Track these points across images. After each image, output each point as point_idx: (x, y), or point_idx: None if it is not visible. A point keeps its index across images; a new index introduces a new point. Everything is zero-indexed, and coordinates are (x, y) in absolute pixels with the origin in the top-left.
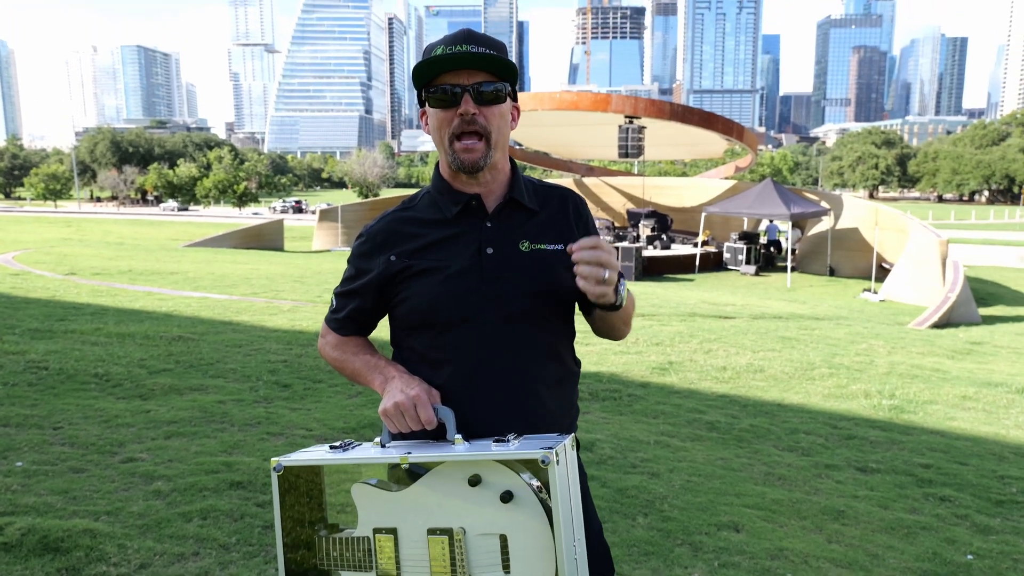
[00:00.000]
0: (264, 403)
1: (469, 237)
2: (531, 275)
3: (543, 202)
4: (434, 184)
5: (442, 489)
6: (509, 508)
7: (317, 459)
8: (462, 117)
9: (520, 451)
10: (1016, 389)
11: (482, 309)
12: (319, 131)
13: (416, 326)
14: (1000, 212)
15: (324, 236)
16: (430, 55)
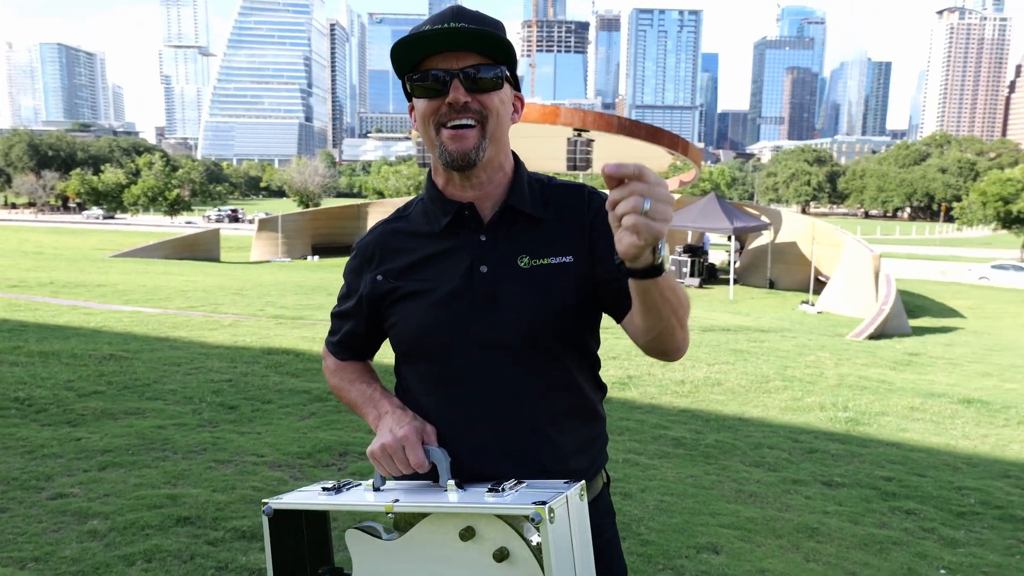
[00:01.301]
0: (209, 427)
1: (461, 253)
2: (531, 296)
3: (550, 206)
4: (426, 190)
5: (434, 541)
6: (503, 567)
7: (308, 503)
8: (451, 107)
9: (511, 505)
10: (958, 400)
11: (475, 337)
12: (256, 138)
13: (406, 354)
14: (921, 228)
15: (263, 246)
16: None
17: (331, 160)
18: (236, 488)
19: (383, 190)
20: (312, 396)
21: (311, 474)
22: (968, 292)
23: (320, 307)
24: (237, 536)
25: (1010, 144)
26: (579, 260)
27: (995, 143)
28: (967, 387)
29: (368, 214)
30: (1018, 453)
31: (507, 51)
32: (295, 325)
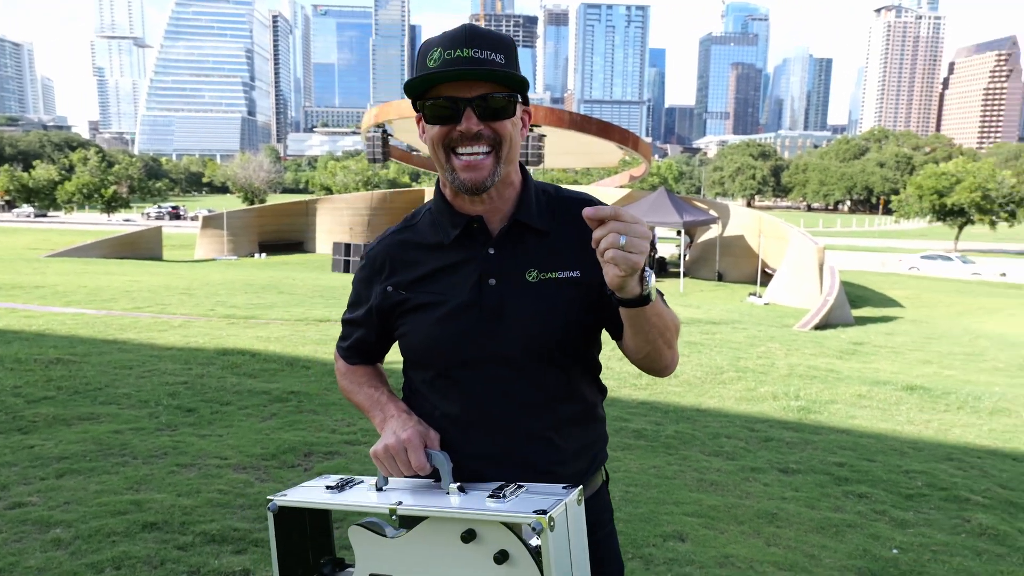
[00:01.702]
0: (168, 431)
1: (470, 266)
2: (539, 310)
3: (557, 219)
4: (434, 201)
5: (436, 541)
6: (503, 569)
7: (311, 501)
8: (463, 135)
9: (513, 513)
10: (902, 387)
11: (483, 350)
12: (197, 132)
13: (414, 362)
14: (861, 220)
15: (208, 244)
16: (426, 58)
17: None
18: (201, 492)
19: (331, 186)
20: (272, 397)
21: (277, 476)
22: (906, 282)
23: (272, 306)
24: (207, 540)
25: (944, 139)
26: (585, 274)
27: (930, 138)
28: (909, 374)
29: (317, 210)
30: (959, 437)
31: (519, 80)
32: (248, 325)
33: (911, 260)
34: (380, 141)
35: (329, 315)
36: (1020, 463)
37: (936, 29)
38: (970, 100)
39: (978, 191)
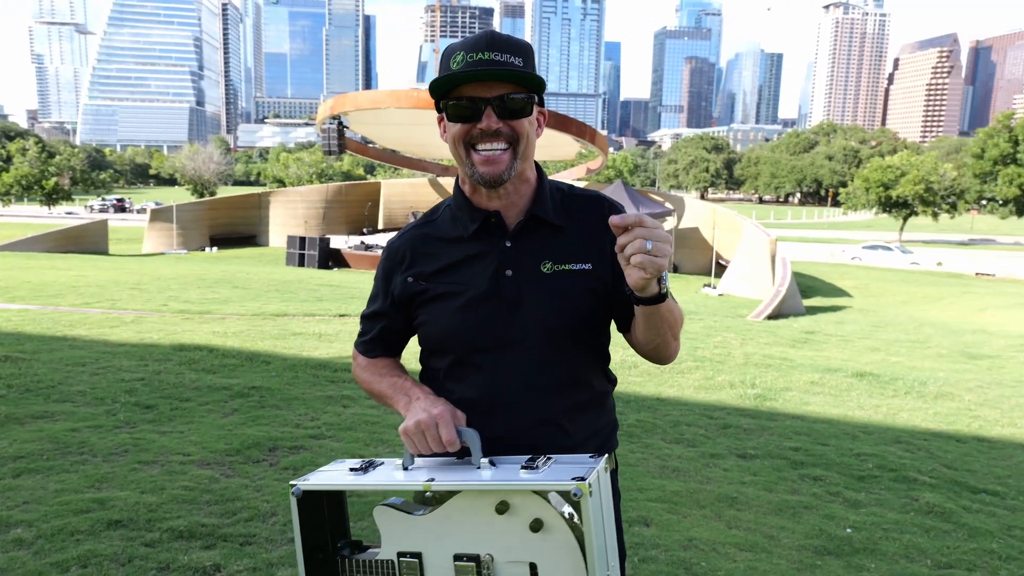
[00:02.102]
0: (127, 428)
1: (488, 258)
2: (553, 300)
3: (571, 215)
4: (454, 197)
5: (468, 515)
6: (539, 536)
7: (338, 483)
8: (483, 132)
9: (551, 481)
10: (852, 373)
11: (500, 338)
12: (142, 123)
13: (434, 350)
14: (811, 212)
15: (157, 238)
16: (450, 60)
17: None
18: (166, 489)
19: (284, 178)
20: (233, 392)
21: (242, 471)
22: (854, 273)
23: (227, 301)
24: (175, 536)
25: (889, 133)
26: (596, 267)
27: (876, 132)
28: (859, 362)
29: (270, 203)
30: (907, 420)
31: (536, 81)
32: (203, 320)
33: (854, 250)
34: (336, 133)
35: (286, 310)
36: (963, 444)
37: (882, 26)
38: (914, 95)
39: (921, 184)
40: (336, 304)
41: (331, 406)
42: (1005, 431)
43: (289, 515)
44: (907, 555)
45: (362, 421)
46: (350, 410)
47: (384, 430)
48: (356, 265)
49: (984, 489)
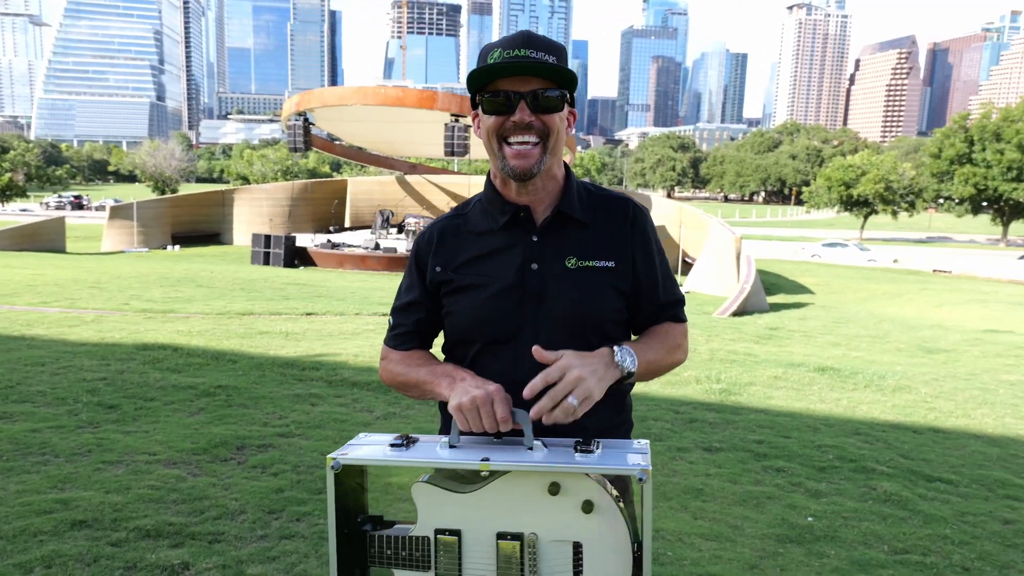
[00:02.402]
0: (90, 428)
1: (515, 251)
2: (576, 295)
3: (597, 213)
4: (485, 191)
5: (518, 494)
6: (589, 517)
7: (381, 459)
8: (516, 124)
9: (615, 466)
10: (814, 368)
11: (524, 329)
12: (101, 117)
13: (458, 340)
14: (775, 211)
15: (116, 236)
16: (487, 57)
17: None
18: (132, 488)
19: (248, 175)
20: (199, 391)
21: (210, 470)
22: (816, 270)
23: (191, 299)
24: (141, 535)
25: (851, 133)
26: (619, 265)
27: (838, 132)
28: (821, 356)
29: (234, 200)
30: (866, 413)
31: (568, 77)
32: (167, 319)
33: (814, 248)
34: (302, 130)
35: (252, 308)
36: (919, 435)
37: (843, 27)
38: (874, 96)
39: (881, 183)
40: (303, 303)
41: (299, 404)
42: (959, 422)
43: (259, 513)
44: (865, 542)
45: (331, 419)
46: (318, 408)
47: (353, 428)
48: (323, 264)
49: (939, 477)
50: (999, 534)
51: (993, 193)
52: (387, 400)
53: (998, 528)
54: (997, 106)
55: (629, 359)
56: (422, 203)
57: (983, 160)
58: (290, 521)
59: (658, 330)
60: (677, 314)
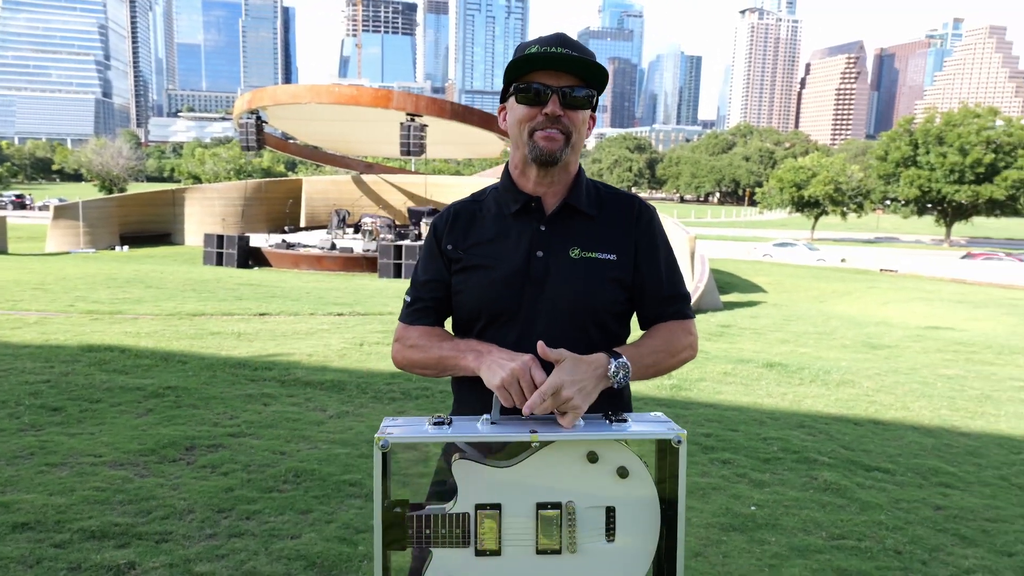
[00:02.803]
0: (32, 431)
1: (523, 238)
2: (578, 283)
3: (603, 209)
4: (501, 180)
5: (558, 465)
6: (624, 482)
7: (430, 436)
8: (547, 116)
9: (653, 433)
10: (763, 364)
11: (526, 312)
12: (43, 114)
13: (464, 319)
14: (730, 212)
15: (61, 236)
16: (524, 51)
17: (136, 141)
18: (76, 490)
19: (200, 174)
20: (147, 392)
21: (158, 470)
22: (769, 270)
23: (140, 300)
24: (86, 536)
25: (802, 135)
26: (621, 258)
27: (790, 134)
28: (770, 353)
29: (185, 200)
30: (810, 406)
31: (599, 78)
32: (114, 320)
33: (765, 248)
34: (254, 128)
35: (203, 309)
36: (860, 427)
37: (794, 32)
38: (824, 99)
39: (831, 184)
40: (256, 303)
41: (251, 404)
42: (898, 414)
43: (207, 512)
44: (805, 528)
45: (283, 418)
46: (270, 408)
47: (306, 427)
48: (278, 264)
49: (877, 467)
50: (930, 519)
51: (936, 195)
52: (340, 399)
53: (930, 514)
54: (940, 111)
55: (622, 374)
56: (379, 203)
57: (927, 163)
58: (240, 519)
59: (662, 331)
60: (681, 309)
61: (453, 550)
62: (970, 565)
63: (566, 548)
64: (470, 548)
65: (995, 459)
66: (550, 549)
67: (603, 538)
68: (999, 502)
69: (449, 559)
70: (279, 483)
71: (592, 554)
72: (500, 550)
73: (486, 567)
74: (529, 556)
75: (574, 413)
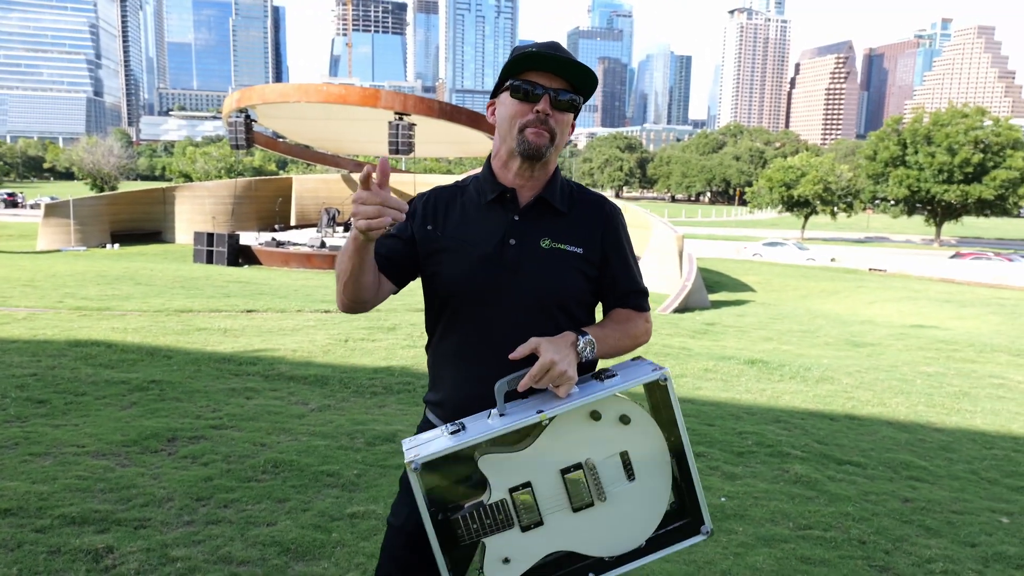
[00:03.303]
0: (17, 422)
1: (498, 226)
2: (546, 271)
3: (574, 206)
4: (483, 170)
5: (567, 431)
6: (627, 428)
7: (452, 446)
8: (537, 115)
9: (639, 378)
10: (744, 361)
11: (497, 296)
12: (35, 113)
13: (438, 299)
14: (720, 211)
15: (52, 234)
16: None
17: (127, 139)
18: (58, 479)
19: (191, 173)
20: (132, 386)
21: (139, 460)
22: (758, 269)
23: (128, 297)
24: (67, 522)
25: (792, 135)
26: (587, 252)
27: (780, 134)
28: (752, 350)
29: (175, 198)
30: (788, 402)
31: (588, 87)
32: (102, 316)
33: (754, 247)
34: (243, 127)
35: (191, 306)
36: (835, 422)
37: (783, 32)
38: (814, 99)
39: (820, 184)
40: (244, 300)
41: (234, 398)
42: (875, 410)
43: (186, 500)
44: (772, 519)
45: (265, 412)
46: (253, 401)
47: (287, 420)
48: (268, 262)
49: (848, 461)
50: (897, 511)
51: (926, 195)
52: (322, 393)
53: (897, 506)
54: (928, 110)
55: (589, 349)
56: None
57: (915, 162)
58: (218, 507)
59: (620, 315)
60: (640, 302)
61: (502, 534)
62: (932, 555)
63: (597, 499)
64: (515, 527)
65: (967, 453)
66: (585, 504)
67: (625, 480)
68: (967, 495)
69: (501, 543)
70: (258, 473)
71: (622, 496)
72: (543, 520)
73: (535, 538)
74: (568, 516)
75: (568, 384)
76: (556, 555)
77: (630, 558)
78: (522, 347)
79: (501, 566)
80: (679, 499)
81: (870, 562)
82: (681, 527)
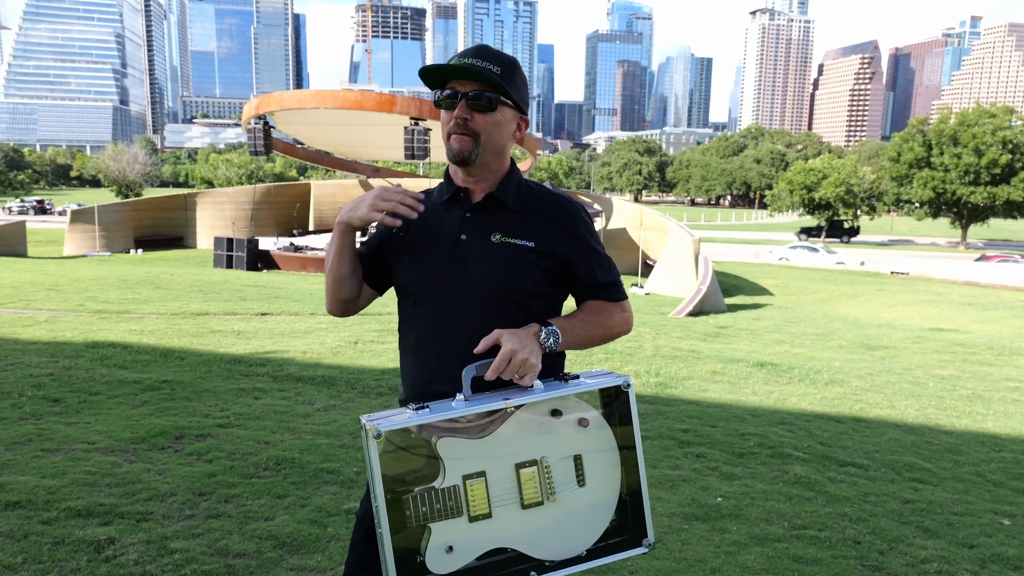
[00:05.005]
0: (32, 419)
1: (451, 223)
2: (497, 264)
3: (530, 204)
4: (444, 175)
5: (528, 425)
6: (584, 431)
7: (416, 421)
8: (455, 121)
9: (608, 382)
10: (753, 364)
11: (450, 289)
12: (63, 122)
13: (402, 294)
14: (740, 214)
15: (78, 240)
16: (448, 62)
17: (152, 147)
18: (67, 473)
19: (212, 179)
20: (144, 386)
21: (146, 457)
22: (777, 272)
23: (147, 301)
24: (72, 515)
25: (814, 137)
26: (539, 245)
27: (802, 136)
28: (762, 353)
29: (197, 204)
30: (795, 404)
31: (503, 84)
32: (120, 319)
33: (781, 251)
34: (262, 133)
35: (208, 308)
36: (841, 424)
37: (806, 32)
38: (838, 100)
39: (842, 186)
40: (260, 303)
41: (242, 398)
42: (883, 412)
43: (188, 495)
44: (767, 519)
45: (271, 411)
46: (260, 401)
47: (292, 419)
48: (286, 267)
49: (851, 462)
50: (896, 512)
51: (951, 196)
52: (329, 394)
53: (897, 507)
54: (954, 110)
55: (553, 339)
56: None
57: (941, 164)
58: (218, 502)
59: (591, 306)
60: (613, 294)
61: (449, 521)
62: (927, 555)
63: (547, 498)
64: (463, 516)
65: (974, 456)
66: (534, 502)
67: (575, 484)
68: (970, 496)
69: (446, 530)
70: (260, 470)
71: (569, 499)
72: (491, 512)
73: (481, 530)
74: (517, 512)
75: (532, 373)
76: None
77: (570, 563)
78: (485, 339)
79: (443, 555)
80: (621, 517)
81: (863, 562)
82: (624, 540)
